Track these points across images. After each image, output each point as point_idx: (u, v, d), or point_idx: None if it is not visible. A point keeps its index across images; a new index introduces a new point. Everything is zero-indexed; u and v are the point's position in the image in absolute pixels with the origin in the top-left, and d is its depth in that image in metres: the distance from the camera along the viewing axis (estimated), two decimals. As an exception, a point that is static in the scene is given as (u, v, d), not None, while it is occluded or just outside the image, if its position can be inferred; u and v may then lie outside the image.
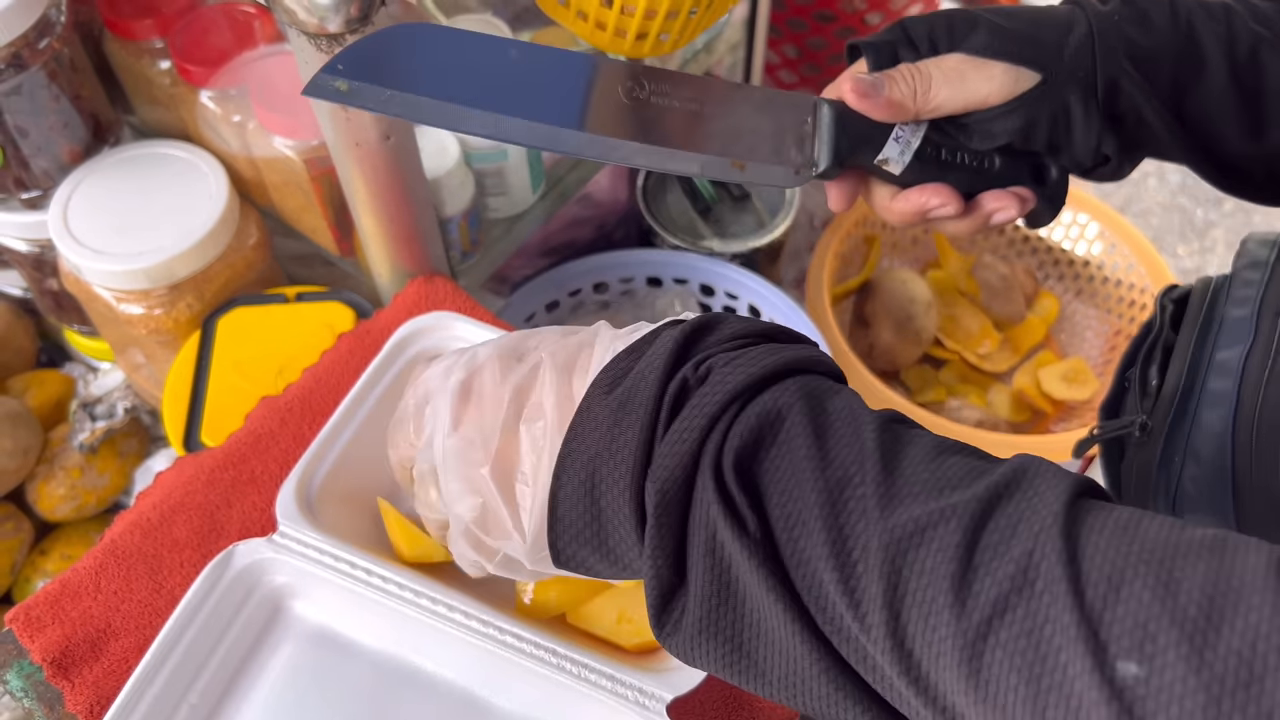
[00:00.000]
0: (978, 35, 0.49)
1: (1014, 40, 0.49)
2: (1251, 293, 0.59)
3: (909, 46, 0.50)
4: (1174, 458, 0.58)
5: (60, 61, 0.71)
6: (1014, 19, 0.50)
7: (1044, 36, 0.49)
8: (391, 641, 0.55)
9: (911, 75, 0.49)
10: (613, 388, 0.40)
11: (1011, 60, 0.49)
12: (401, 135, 0.61)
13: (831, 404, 0.37)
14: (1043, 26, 0.50)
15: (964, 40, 0.50)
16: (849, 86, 0.49)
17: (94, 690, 0.55)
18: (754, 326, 0.41)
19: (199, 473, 0.62)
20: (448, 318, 0.63)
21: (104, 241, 0.71)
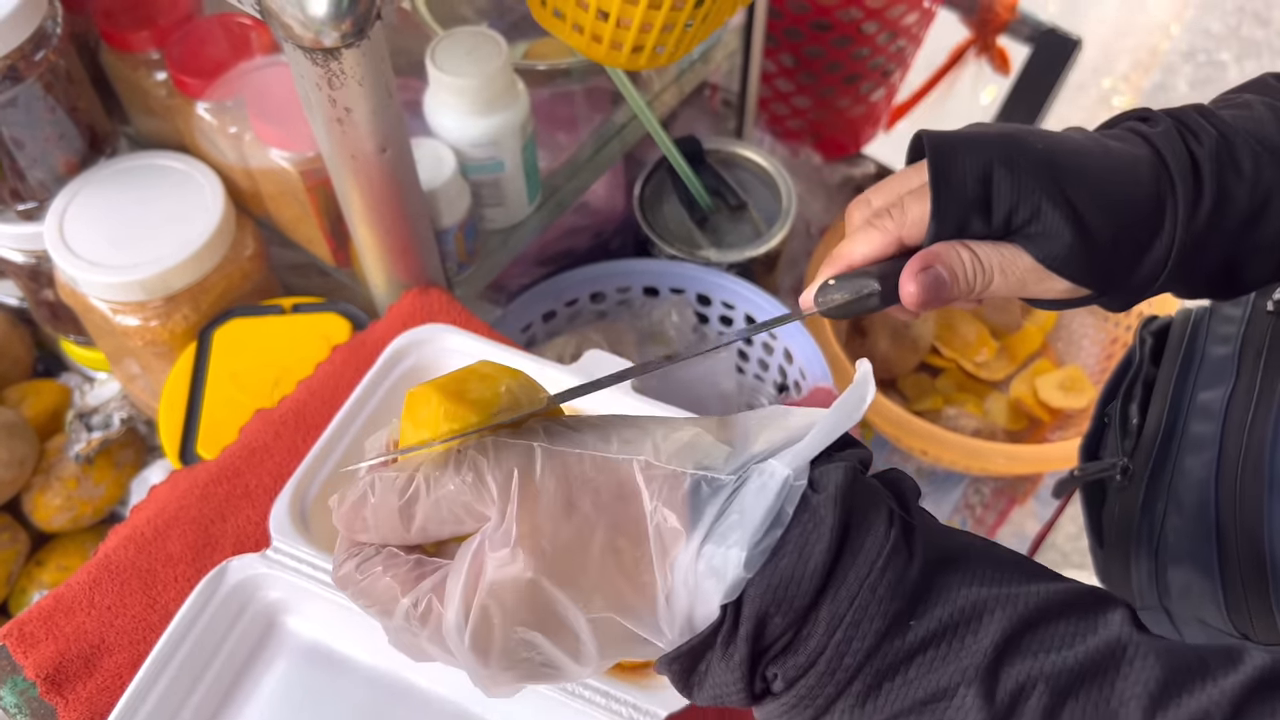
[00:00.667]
0: (1057, 241, 0.43)
1: (1095, 259, 0.44)
2: (1233, 330, 0.57)
3: (984, 213, 0.44)
4: (1156, 504, 0.58)
5: (56, 73, 0.71)
6: (1104, 226, 0.44)
7: (1121, 259, 0.45)
8: (385, 657, 0.55)
9: (974, 272, 0.45)
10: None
11: (1081, 283, 0.45)
12: (398, 147, 0.61)
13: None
14: (1125, 245, 0.45)
15: (1042, 238, 0.44)
16: (913, 290, 0.44)
17: (88, 706, 0.55)
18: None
19: (193, 486, 0.62)
20: (440, 330, 0.63)
21: (100, 253, 0.71)
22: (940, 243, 0.45)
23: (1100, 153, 0.45)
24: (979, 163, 0.44)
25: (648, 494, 0.34)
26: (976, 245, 0.45)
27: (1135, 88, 2.28)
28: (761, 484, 0.33)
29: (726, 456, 0.34)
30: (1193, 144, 0.45)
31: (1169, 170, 0.45)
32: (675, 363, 0.48)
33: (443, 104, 0.72)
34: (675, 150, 0.87)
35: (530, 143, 0.76)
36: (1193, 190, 0.44)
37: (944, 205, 0.44)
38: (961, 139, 0.45)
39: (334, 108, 0.57)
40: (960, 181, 0.44)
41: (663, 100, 0.89)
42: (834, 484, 0.33)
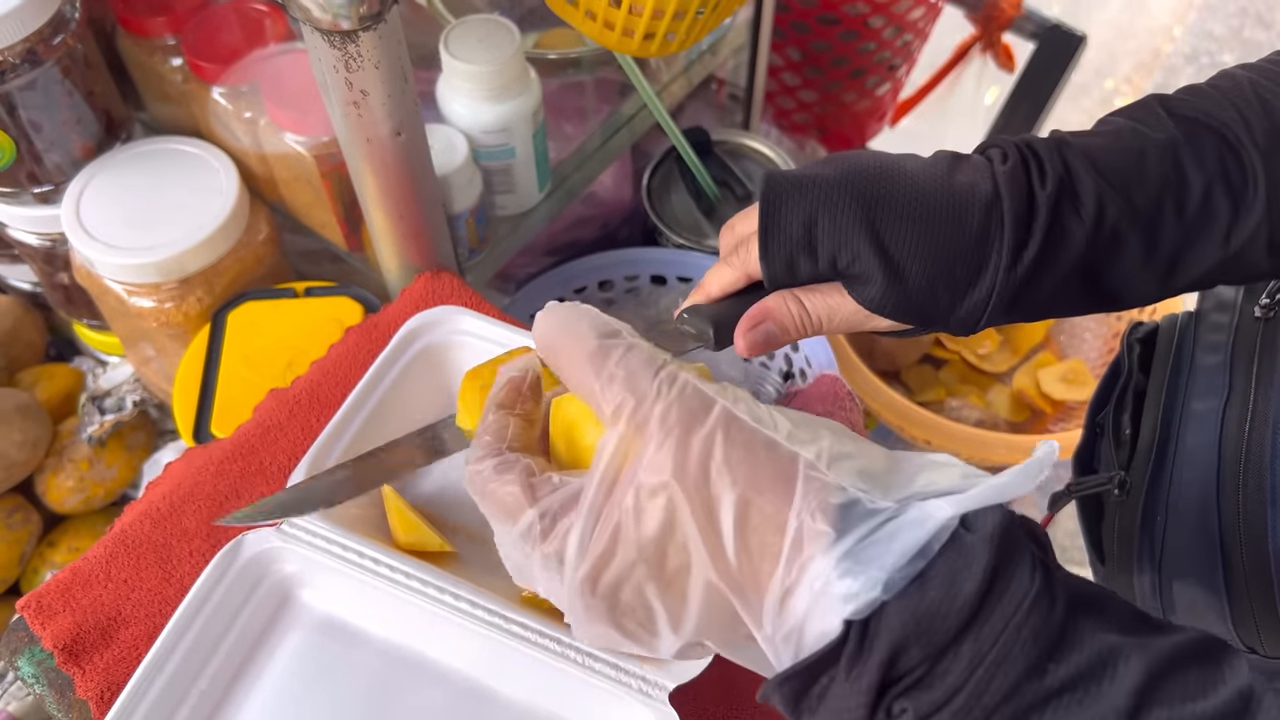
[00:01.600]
0: (872, 289, 0.45)
1: (907, 302, 0.45)
2: (1221, 338, 0.57)
3: (810, 255, 0.46)
4: (1155, 518, 0.57)
5: (74, 57, 0.72)
6: (919, 268, 0.45)
7: (939, 297, 0.45)
8: (398, 630, 0.56)
9: (802, 322, 0.47)
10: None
11: (901, 320, 0.46)
12: (412, 132, 0.61)
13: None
14: (945, 282, 0.45)
15: (860, 282, 0.45)
16: (743, 344, 0.48)
17: (104, 677, 0.56)
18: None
19: (208, 463, 0.63)
20: (454, 312, 0.64)
21: (116, 235, 0.72)
22: (773, 295, 0.48)
23: (931, 189, 0.45)
24: (803, 210, 0.45)
25: (802, 490, 0.34)
26: (805, 295, 0.47)
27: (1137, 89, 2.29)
28: (917, 519, 0.33)
29: (886, 486, 0.34)
30: (1035, 184, 0.45)
31: (1001, 212, 0.44)
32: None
33: (455, 90, 0.73)
34: (683, 140, 0.87)
35: (541, 130, 0.76)
36: (1021, 237, 0.44)
37: (771, 251, 0.46)
38: (793, 183, 0.46)
39: (350, 91, 0.58)
40: (786, 227, 0.46)
41: (671, 91, 0.90)
42: (990, 524, 0.33)
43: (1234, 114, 0.46)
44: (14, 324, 0.93)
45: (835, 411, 0.75)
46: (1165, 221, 0.45)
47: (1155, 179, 0.45)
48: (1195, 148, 0.46)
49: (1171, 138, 0.46)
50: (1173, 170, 0.45)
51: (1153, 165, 0.45)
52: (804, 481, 0.34)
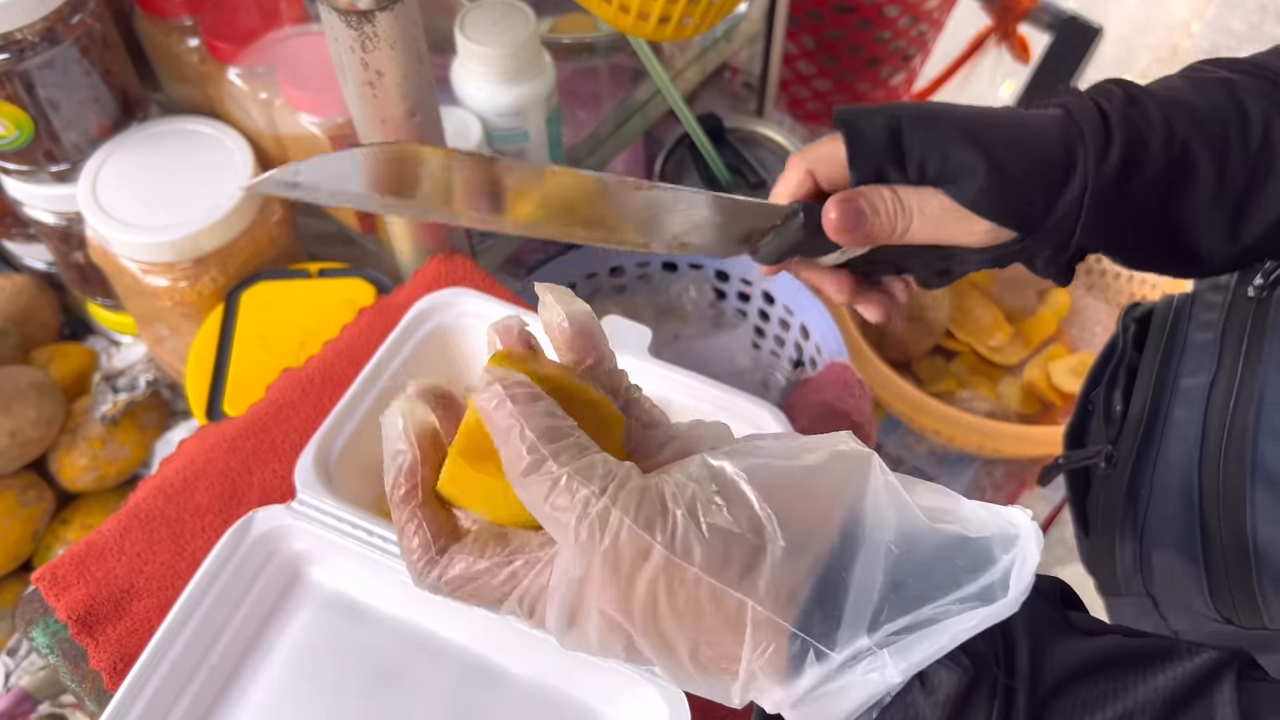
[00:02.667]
0: (972, 183, 0.45)
1: (1006, 199, 0.46)
2: (1214, 316, 0.57)
3: (898, 166, 0.47)
4: (1140, 491, 0.58)
5: (92, 37, 0.72)
6: (1014, 162, 0.45)
7: (1035, 197, 0.46)
8: (407, 608, 0.56)
9: (894, 210, 0.47)
10: None
11: (998, 221, 0.46)
12: (427, 113, 0.62)
13: None
14: (1038, 182, 0.46)
15: (957, 180, 0.46)
16: (834, 216, 0.46)
17: (117, 648, 0.56)
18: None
19: (221, 440, 0.63)
20: (464, 294, 0.64)
21: (131, 214, 0.72)
22: (864, 186, 0.47)
23: (1007, 112, 0.47)
24: (884, 120, 0.46)
25: (750, 641, 0.31)
26: (899, 187, 0.47)
27: (1155, 85, 2.26)
28: (867, 679, 0.31)
29: (854, 614, 0.31)
30: (1101, 101, 0.47)
31: (1076, 122, 0.46)
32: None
33: (470, 73, 0.73)
34: (697, 126, 0.87)
35: (554, 115, 0.77)
36: (1102, 138, 0.46)
37: (858, 155, 0.47)
38: (871, 108, 0.47)
39: (366, 71, 0.58)
40: (872, 135, 0.46)
41: (685, 78, 0.90)
42: (944, 693, 0.31)
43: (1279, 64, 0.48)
44: (29, 303, 0.94)
45: (845, 399, 0.75)
46: (1232, 148, 0.46)
47: (1216, 105, 0.47)
48: (1251, 86, 0.47)
49: (1225, 79, 0.48)
50: (1230, 100, 0.47)
51: (1211, 95, 0.47)
52: (752, 632, 0.31)
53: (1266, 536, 0.49)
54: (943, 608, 0.31)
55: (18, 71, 0.70)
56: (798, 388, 0.80)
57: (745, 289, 0.88)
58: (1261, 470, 0.49)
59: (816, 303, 0.84)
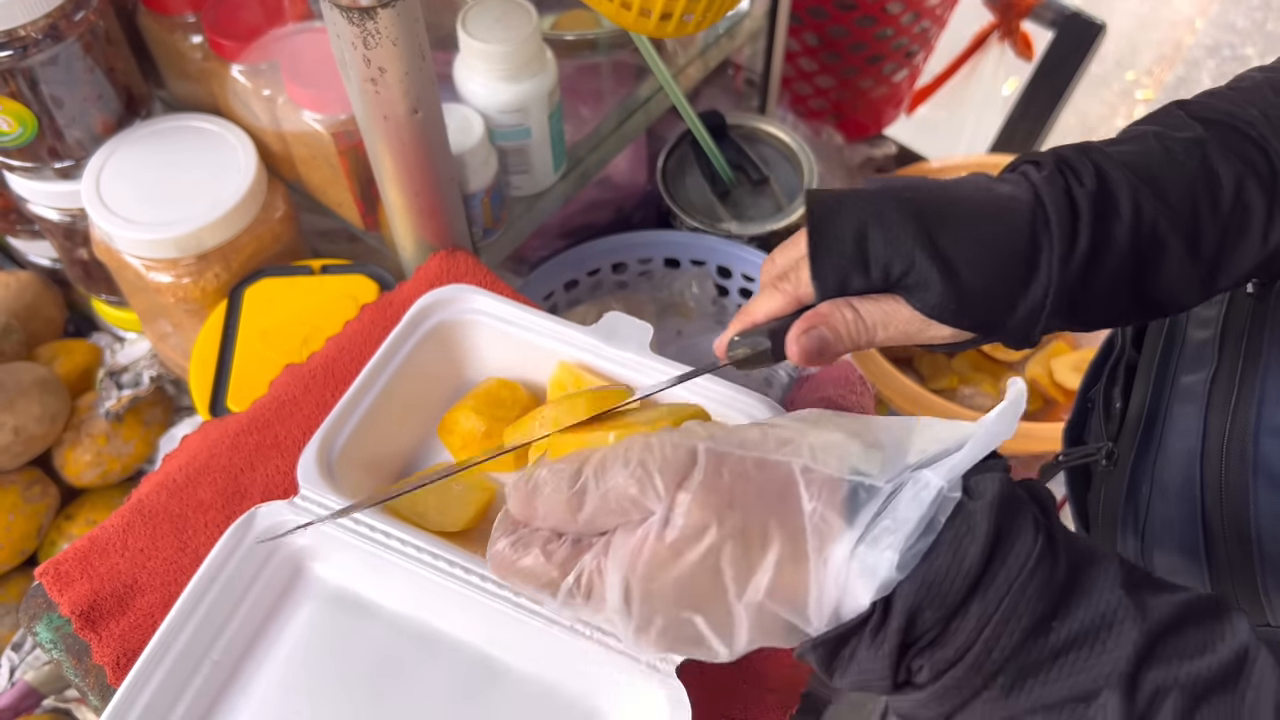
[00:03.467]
0: (930, 294, 0.45)
1: (966, 305, 0.45)
2: (1213, 314, 0.57)
3: (862, 269, 0.46)
4: (1141, 487, 0.58)
5: (96, 33, 0.73)
6: (976, 270, 0.45)
7: (996, 300, 0.45)
8: (409, 603, 0.56)
9: (857, 330, 0.47)
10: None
11: (958, 326, 0.46)
12: (430, 109, 0.62)
13: None
14: (1000, 288, 0.45)
15: (919, 289, 0.45)
16: (797, 350, 0.48)
17: (120, 643, 0.57)
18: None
19: (224, 436, 0.63)
20: (467, 290, 0.64)
21: (135, 211, 0.72)
22: (826, 303, 0.47)
23: (977, 198, 0.46)
24: (853, 223, 0.46)
25: (806, 495, 0.36)
26: (859, 303, 0.47)
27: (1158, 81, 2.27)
28: (915, 493, 0.35)
29: (880, 463, 0.36)
30: (1073, 184, 0.46)
31: (1045, 210, 0.45)
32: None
33: (472, 69, 0.73)
34: (699, 123, 0.87)
35: (557, 111, 0.77)
36: (1069, 231, 0.45)
37: (823, 267, 0.46)
38: (838, 200, 0.47)
39: (368, 68, 0.58)
40: (836, 242, 0.46)
41: (687, 74, 0.90)
42: (990, 493, 0.35)
43: (1255, 113, 0.47)
44: (33, 299, 0.94)
45: (847, 395, 0.75)
46: (1202, 219, 0.46)
47: (1185, 175, 0.46)
48: (1221, 145, 0.46)
49: (1197, 136, 0.47)
50: (1201, 167, 0.46)
51: (1181, 163, 0.46)
52: (805, 485, 0.36)
53: (1270, 534, 0.49)
54: (953, 438, 0.37)
55: (21, 68, 0.70)
56: (800, 384, 0.80)
57: (748, 285, 0.89)
58: (1264, 468, 0.50)
59: (818, 299, 0.84)
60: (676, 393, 0.61)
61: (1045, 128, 1.21)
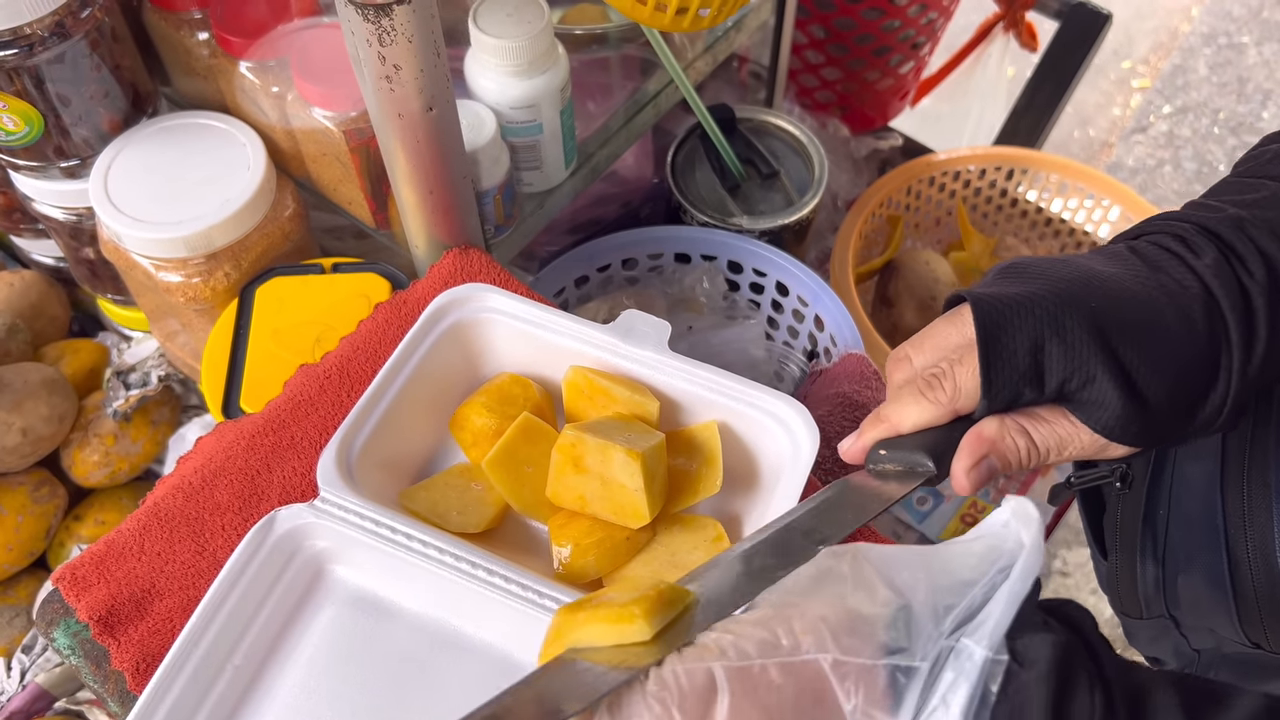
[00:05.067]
0: (1108, 411, 0.42)
1: (1146, 421, 0.43)
2: None
3: (1034, 384, 0.43)
4: (1158, 511, 0.57)
5: (102, 31, 0.72)
6: (1159, 383, 0.42)
7: (1177, 411, 0.43)
8: (432, 605, 0.56)
9: (1029, 458, 0.45)
10: None
11: (1137, 445, 0.44)
12: (444, 107, 0.61)
13: None
14: (1183, 398, 0.43)
15: (1095, 406, 0.43)
16: (966, 484, 0.45)
17: (139, 649, 0.56)
18: None
19: (239, 438, 0.63)
20: (483, 289, 0.64)
21: (144, 210, 0.72)
22: (993, 424, 0.44)
23: (1151, 301, 0.43)
24: (1030, 335, 0.43)
25: (842, 693, 0.33)
26: (1030, 424, 0.44)
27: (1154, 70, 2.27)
28: (959, 667, 0.32)
29: (909, 629, 0.33)
30: (1243, 276, 0.43)
31: (1223, 314, 0.43)
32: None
33: (484, 65, 0.72)
34: (709, 117, 0.87)
35: (568, 107, 0.76)
36: (1248, 337, 0.42)
37: (995, 382, 0.43)
38: (1009, 305, 0.43)
39: (383, 65, 0.58)
40: (1011, 355, 0.43)
41: (696, 68, 0.89)
42: (1044, 660, 0.32)
43: None
44: (38, 298, 0.93)
45: (862, 390, 0.75)
46: None
47: None
48: None
49: None
50: None
51: None
52: (838, 682, 0.33)
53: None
54: (985, 586, 0.34)
55: (27, 67, 0.69)
56: (813, 379, 0.80)
57: (759, 280, 0.88)
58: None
59: (830, 294, 0.84)
60: (691, 397, 0.60)
61: (1050, 120, 1.21)
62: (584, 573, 0.56)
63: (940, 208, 1.16)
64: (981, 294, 0.44)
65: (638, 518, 0.55)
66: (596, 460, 0.55)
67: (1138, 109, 2.05)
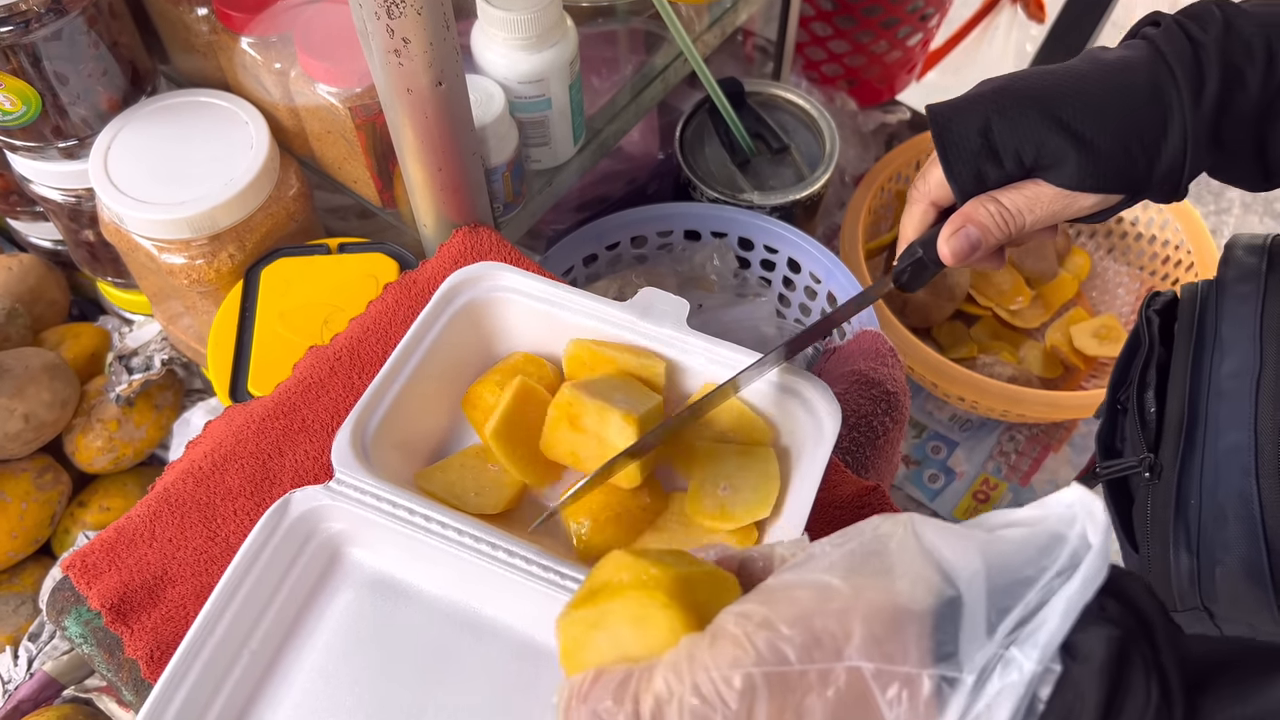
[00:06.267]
0: (1068, 166, 0.46)
1: (1106, 167, 0.46)
2: (1248, 310, 0.56)
3: (994, 160, 0.48)
4: (1189, 501, 0.56)
5: (99, 7, 0.70)
6: (1106, 134, 0.46)
7: (1135, 155, 0.46)
8: (450, 587, 0.55)
9: (1003, 220, 0.48)
10: None
11: (1104, 192, 0.47)
12: (453, 82, 0.60)
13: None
14: (1135, 138, 0.46)
15: (1054, 166, 0.47)
16: (949, 251, 0.49)
17: (153, 636, 0.55)
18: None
19: (249, 422, 0.62)
20: (497, 267, 0.63)
21: (145, 190, 0.70)
22: (969, 202, 0.49)
23: (1090, 67, 0.47)
24: (975, 120, 0.47)
25: (885, 704, 0.31)
26: (1000, 194, 0.48)
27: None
28: (1007, 677, 0.31)
29: (957, 630, 0.31)
30: (1195, 32, 0.46)
31: (1166, 61, 0.46)
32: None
33: (491, 39, 0.71)
34: (719, 91, 0.86)
35: (576, 82, 0.75)
36: (1194, 75, 0.45)
37: (954, 165, 0.48)
38: (956, 104, 0.48)
39: (392, 38, 0.56)
40: (962, 139, 0.48)
41: (704, 41, 0.88)
42: (1098, 658, 0.31)
43: None
44: (37, 282, 0.92)
45: (878, 368, 0.74)
46: None
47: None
48: None
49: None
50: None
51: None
52: (880, 694, 0.31)
53: None
54: (1042, 589, 0.31)
55: (23, 44, 0.68)
56: (827, 357, 0.79)
57: (770, 257, 0.87)
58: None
59: (844, 270, 0.82)
60: (713, 375, 0.59)
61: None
62: (604, 546, 0.55)
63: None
64: (934, 103, 0.49)
65: (630, 479, 0.56)
66: (594, 421, 0.55)
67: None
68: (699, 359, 0.60)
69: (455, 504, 0.56)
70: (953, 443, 1.07)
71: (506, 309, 0.63)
